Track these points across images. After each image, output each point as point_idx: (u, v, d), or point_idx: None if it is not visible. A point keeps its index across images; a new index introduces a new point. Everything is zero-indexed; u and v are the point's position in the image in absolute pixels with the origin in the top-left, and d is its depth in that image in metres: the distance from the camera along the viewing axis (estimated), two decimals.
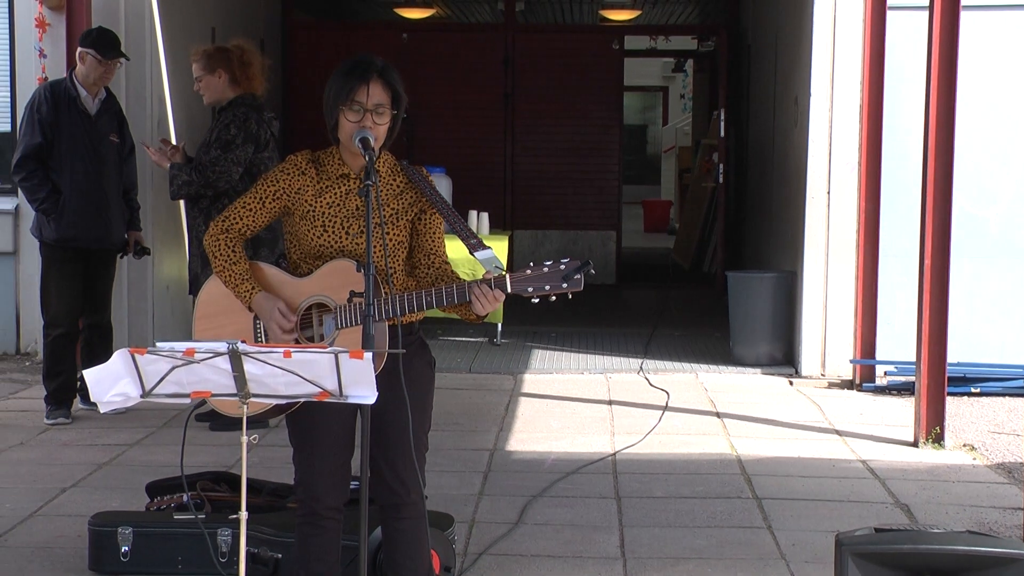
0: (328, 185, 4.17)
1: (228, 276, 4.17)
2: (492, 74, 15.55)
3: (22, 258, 9.98)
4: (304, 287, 4.15)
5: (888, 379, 9.29)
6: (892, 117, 9.29)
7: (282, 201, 4.18)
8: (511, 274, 3.98)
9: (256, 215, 4.20)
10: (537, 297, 3.97)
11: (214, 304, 4.25)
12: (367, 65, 4.11)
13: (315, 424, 4.13)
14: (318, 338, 4.12)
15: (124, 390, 3.60)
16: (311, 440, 4.15)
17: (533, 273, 3.96)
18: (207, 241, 4.22)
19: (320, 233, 4.14)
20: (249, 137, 7.57)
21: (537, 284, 3.95)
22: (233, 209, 4.22)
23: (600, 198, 15.85)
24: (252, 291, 4.14)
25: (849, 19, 9.38)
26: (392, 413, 4.07)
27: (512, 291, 3.97)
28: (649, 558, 5.57)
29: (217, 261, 4.18)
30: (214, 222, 4.25)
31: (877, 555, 4.09)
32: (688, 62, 23.40)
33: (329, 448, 4.15)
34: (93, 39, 7.89)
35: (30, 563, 5.43)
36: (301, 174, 4.19)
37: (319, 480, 4.16)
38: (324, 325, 4.12)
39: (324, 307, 4.13)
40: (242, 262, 4.18)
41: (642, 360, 10.30)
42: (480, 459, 7.24)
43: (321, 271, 4.13)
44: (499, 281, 3.98)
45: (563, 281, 3.94)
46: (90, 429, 7.78)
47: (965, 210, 9.18)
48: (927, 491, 6.66)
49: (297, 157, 4.24)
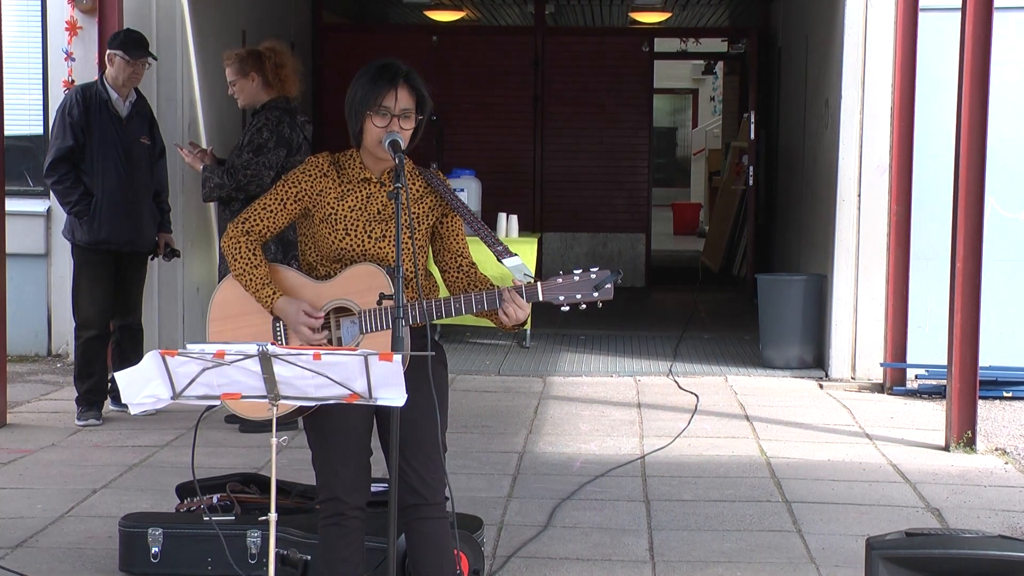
0: (350, 188, 4.18)
1: (248, 280, 4.15)
2: (522, 76, 15.55)
3: (54, 260, 10.03)
4: (325, 290, 4.14)
5: (919, 383, 9.25)
6: (923, 119, 9.24)
7: (303, 203, 4.18)
8: (542, 282, 3.98)
9: (276, 217, 4.19)
10: (567, 306, 3.98)
11: (229, 307, 4.22)
12: (394, 70, 4.11)
13: (333, 426, 4.13)
14: (335, 341, 4.12)
15: (155, 392, 3.61)
16: (330, 441, 4.15)
17: (564, 282, 3.96)
18: (225, 243, 4.20)
19: (342, 236, 4.13)
20: (282, 141, 7.59)
21: (568, 293, 3.96)
22: (253, 211, 4.21)
23: (629, 201, 15.84)
24: (274, 295, 4.13)
25: (880, 21, 9.34)
26: (416, 415, 4.06)
27: (543, 299, 3.98)
28: (678, 562, 5.55)
29: (236, 264, 4.17)
30: (233, 223, 4.23)
31: (908, 559, 4.07)
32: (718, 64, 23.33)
33: (348, 448, 4.15)
34: (120, 40, 7.94)
35: (61, 563, 5.46)
36: (323, 176, 4.19)
37: (341, 481, 4.16)
38: (343, 328, 4.11)
39: (345, 311, 4.12)
40: (262, 266, 4.16)
41: (671, 363, 10.28)
42: (509, 462, 7.24)
43: (344, 275, 4.12)
44: (530, 289, 3.99)
45: (594, 290, 3.94)
46: (121, 430, 7.82)
47: (997, 212, 9.13)
48: (958, 495, 6.63)
49: (318, 159, 4.23)
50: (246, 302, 4.17)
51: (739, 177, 15.97)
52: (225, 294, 4.24)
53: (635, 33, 16.48)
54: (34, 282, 10.14)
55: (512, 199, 14.26)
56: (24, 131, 10.19)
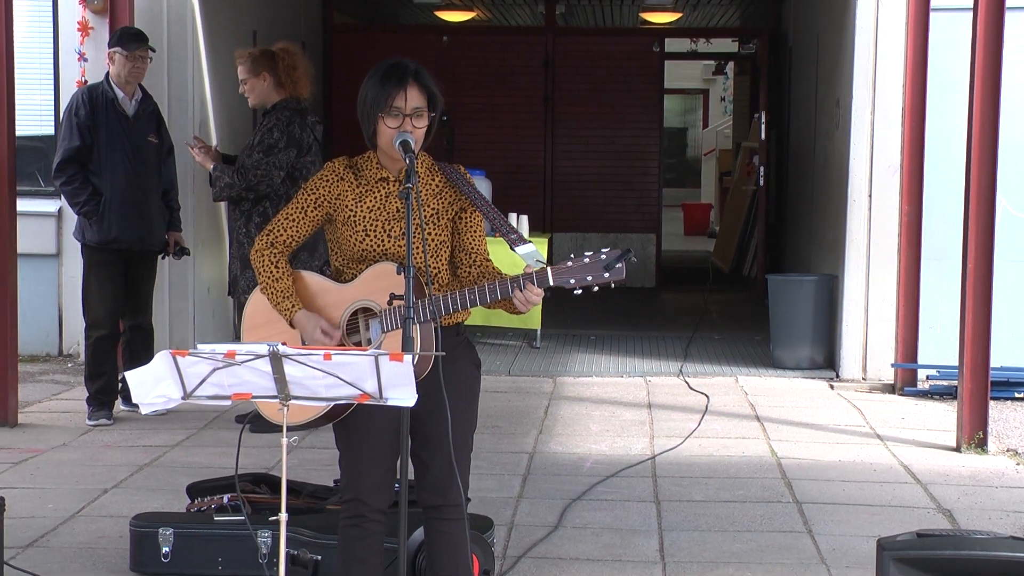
0: (368, 189, 4.18)
1: (271, 293, 4.20)
2: (532, 77, 15.55)
3: (65, 260, 10.05)
4: (348, 293, 4.16)
5: (930, 383, 9.23)
6: (934, 119, 9.22)
7: (324, 209, 4.19)
8: (553, 267, 3.94)
9: (299, 225, 4.21)
10: (580, 288, 3.92)
11: (260, 315, 4.27)
12: (402, 70, 4.11)
13: (364, 428, 4.13)
14: (365, 343, 4.12)
15: (165, 392, 3.62)
16: (359, 443, 4.16)
17: (575, 264, 3.92)
18: (253, 256, 4.25)
19: (363, 237, 4.14)
20: (291, 141, 7.59)
21: (579, 276, 3.90)
22: (276, 222, 4.24)
23: (640, 201, 15.83)
24: (293, 309, 4.15)
25: (891, 21, 9.32)
26: (436, 415, 4.06)
27: (555, 284, 3.93)
28: (688, 562, 5.55)
29: (261, 277, 4.21)
30: (259, 236, 4.27)
31: (919, 560, 4.06)
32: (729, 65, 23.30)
33: (376, 451, 4.16)
34: (117, 37, 8.02)
35: (72, 563, 5.47)
36: (340, 180, 4.19)
37: (366, 483, 4.17)
38: (371, 329, 4.12)
39: (370, 312, 4.13)
40: (284, 278, 4.19)
41: (682, 363, 10.27)
42: (519, 462, 7.24)
43: (364, 276, 4.13)
44: (541, 274, 3.96)
45: (604, 271, 3.87)
46: (131, 430, 7.83)
47: (1009, 213, 9.11)
48: (970, 496, 6.61)
49: (335, 164, 4.25)
50: (274, 311, 4.22)
51: (750, 177, 15.97)
52: (256, 304, 4.30)
53: (646, 33, 16.47)
54: (45, 282, 10.15)
55: (522, 199, 14.25)
56: (35, 131, 10.20)
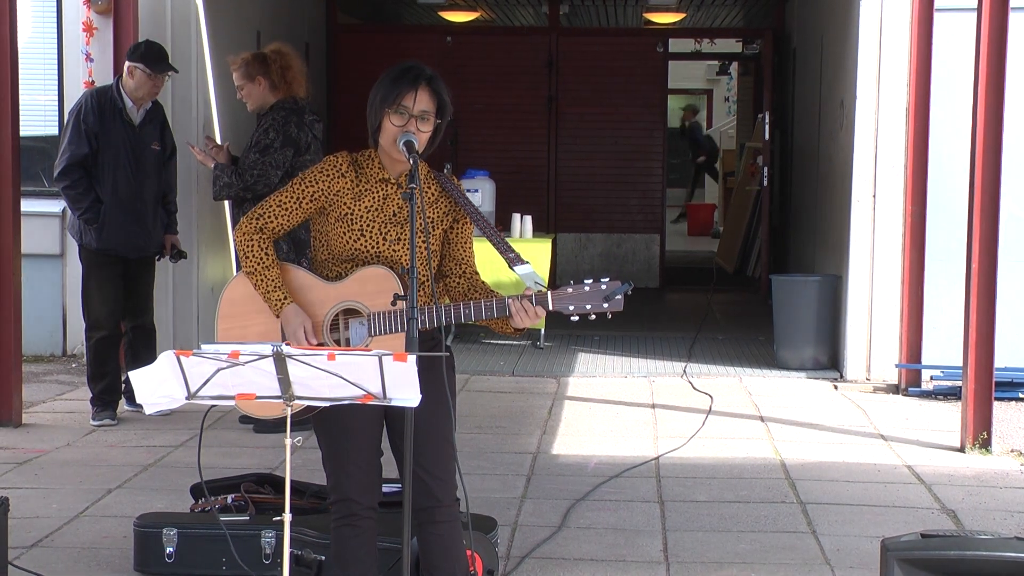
0: (367, 189, 4.17)
1: (259, 280, 4.13)
2: (536, 77, 15.54)
3: (69, 260, 10.05)
4: (334, 292, 4.13)
5: (934, 383, 9.22)
6: (938, 119, 9.22)
7: (319, 202, 4.17)
8: (553, 291, 3.98)
9: (291, 215, 4.18)
10: (577, 316, 3.99)
11: (239, 304, 4.20)
12: (417, 72, 4.11)
13: (343, 426, 4.13)
14: (343, 342, 4.12)
15: (169, 392, 3.62)
16: (341, 442, 4.15)
17: (575, 292, 3.97)
18: (238, 237, 4.18)
19: (356, 237, 4.12)
20: (288, 141, 7.60)
21: (578, 303, 3.97)
22: (268, 207, 4.19)
23: (644, 201, 15.82)
24: (283, 300, 4.11)
25: (895, 21, 9.32)
26: (427, 416, 4.05)
27: (554, 309, 3.99)
28: (692, 563, 5.55)
29: (248, 262, 4.15)
30: (246, 218, 4.21)
31: (923, 561, 4.06)
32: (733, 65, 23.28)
33: (359, 449, 4.15)
34: (142, 53, 7.85)
35: (76, 563, 5.47)
36: (340, 176, 4.17)
37: (352, 481, 4.16)
38: (351, 330, 4.11)
39: (354, 313, 4.12)
40: (275, 267, 4.15)
41: (686, 364, 10.27)
42: (523, 462, 7.24)
43: (355, 276, 4.11)
44: (540, 298, 3.99)
45: (604, 301, 3.96)
46: (135, 431, 7.83)
47: (1013, 213, 9.10)
48: (974, 497, 6.61)
49: (336, 159, 4.22)
50: (256, 300, 4.16)
51: (754, 178, 15.95)
52: (235, 292, 4.22)
53: (649, 34, 16.46)
54: (49, 282, 10.16)
55: (526, 200, 14.24)
56: (40, 132, 10.21)
